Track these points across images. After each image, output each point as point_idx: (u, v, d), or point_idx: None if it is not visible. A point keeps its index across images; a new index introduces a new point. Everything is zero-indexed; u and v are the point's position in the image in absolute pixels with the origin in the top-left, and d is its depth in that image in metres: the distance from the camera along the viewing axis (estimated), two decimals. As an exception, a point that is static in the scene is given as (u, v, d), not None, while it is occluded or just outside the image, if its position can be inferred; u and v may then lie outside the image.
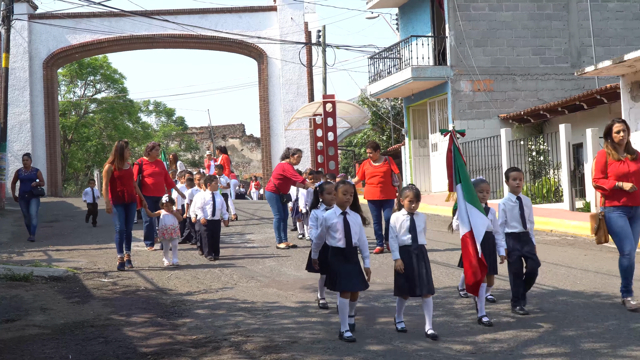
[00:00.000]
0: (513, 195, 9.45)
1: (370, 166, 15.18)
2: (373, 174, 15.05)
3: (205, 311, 9.67)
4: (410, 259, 8.29)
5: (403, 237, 8.38)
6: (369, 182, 15.14)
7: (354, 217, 8.40)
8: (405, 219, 8.45)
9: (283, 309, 9.68)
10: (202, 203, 14.52)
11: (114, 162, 13.30)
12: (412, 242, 8.36)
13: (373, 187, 15.01)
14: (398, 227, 8.43)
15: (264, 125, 36.09)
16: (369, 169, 15.19)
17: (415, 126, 31.10)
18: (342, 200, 8.35)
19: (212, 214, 14.45)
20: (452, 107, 27.20)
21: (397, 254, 8.34)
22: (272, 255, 14.76)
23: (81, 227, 20.74)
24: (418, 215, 8.51)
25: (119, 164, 13.33)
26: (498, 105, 27.42)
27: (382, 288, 11.05)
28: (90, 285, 11.74)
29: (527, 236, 9.34)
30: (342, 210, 8.35)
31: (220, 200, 14.64)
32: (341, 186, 8.38)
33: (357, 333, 8.22)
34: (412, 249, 8.35)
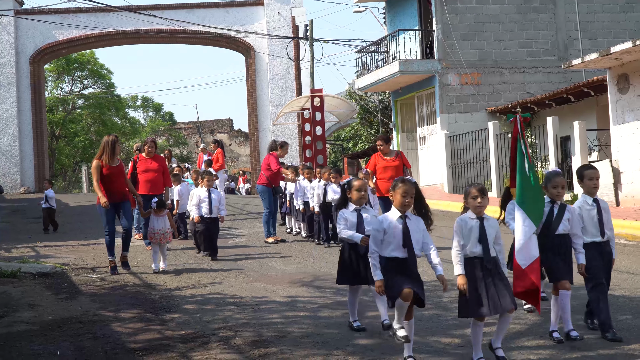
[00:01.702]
0: (589, 197, 8.14)
1: (382, 159, 14.50)
2: (384, 169, 14.36)
3: (194, 306, 9.66)
4: (477, 274, 6.90)
5: (473, 249, 6.93)
6: (379, 177, 14.35)
7: (416, 221, 7.20)
8: (474, 225, 6.96)
9: (271, 304, 9.68)
10: (198, 200, 13.92)
11: (102, 158, 12.33)
12: (483, 253, 6.92)
13: (384, 182, 14.10)
14: (465, 235, 6.97)
15: (252, 120, 36.05)
16: (380, 162, 14.49)
17: (403, 120, 31.11)
18: (401, 203, 7.11)
19: (208, 212, 13.85)
20: (440, 101, 27.22)
21: (461, 267, 6.91)
22: (261, 250, 14.76)
23: (69, 222, 20.68)
24: (488, 219, 7.04)
25: (109, 159, 12.33)
26: (486, 98, 27.45)
27: (370, 282, 11.06)
28: (79, 281, 11.71)
29: (607, 246, 8.00)
30: (402, 213, 7.12)
31: (216, 197, 14.01)
32: (400, 186, 7.13)
33: (346, 327, 8.23)
34: (484, 263, 6.93)
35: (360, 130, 44.22)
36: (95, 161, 12.42)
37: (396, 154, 14.61)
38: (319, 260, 13.34)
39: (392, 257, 7.04)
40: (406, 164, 14.51)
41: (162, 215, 12.92)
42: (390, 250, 7.05)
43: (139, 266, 13.06)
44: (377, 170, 14.46)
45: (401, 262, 7.03)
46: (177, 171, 18.48)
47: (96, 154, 12.69)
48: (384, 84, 29.45)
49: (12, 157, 34.07)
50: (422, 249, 7.13)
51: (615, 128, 20.25)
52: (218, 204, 13.98)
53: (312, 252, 14.31)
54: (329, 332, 8.01)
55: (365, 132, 42.48)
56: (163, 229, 12.77)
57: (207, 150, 25.86)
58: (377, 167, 14.47)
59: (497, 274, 6.90)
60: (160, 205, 13.03)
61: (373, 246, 7.10)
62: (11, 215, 21.96)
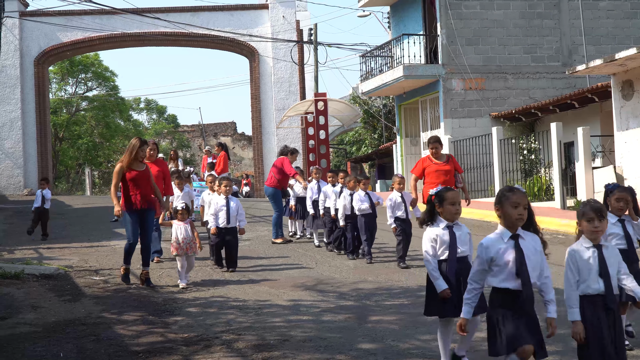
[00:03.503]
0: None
1: (432, 163, 13.60)
2: (436, 173, 13.44)
3: (197, 309, 9.66)
4: (600, 319, 5.63)
5: (593, 285, 5.66)
6: (428, 182, 13.39)
7: (532, 241, 5.75)
8: (591, 255, 5.72)
9: (274, 307, 9.68)
10: (215, 209, 12.78)
11: (124, 162, 11.66)
12: (605, 290, 5.65)
13: (434, 187, 13.68)
14: (579, 267, 5.74)
15: (255, 123, 36.04)
16: (430, 166, 13.56)
17: (407, 124, 31.11)
18: (513, 218, 5.63)
19: (226, 221, 12.72)
20: (444, 106, 27.22)
21: (577, 312, 5.64)
22: (264, 253, 14.75)
23: (72, 225, 20.70)
24: (607, 248, 5.78)
25: (132, 163, 11.69)
26: (489, 103, 27.44)
27: (373, 286, 11.08)
28: (82, 283, 11.72)
29: None
30: (513, 232, 5.67)
31: (235, 205, 12.82)
32: (510, 196, 5.66)
33: (349, 331, 8.22)
34: (607, 303, 5.65)
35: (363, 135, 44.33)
36: (118, 165, 11.73)
37: (447, 157, 13.71)
38: (322, 264, 13.34)
39: (501, 289, 5.64)
40: (458, 168, 13.72)
41: (186, 223, 11.81)
42: (501, 280, 5.64)
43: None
44: (427, 175, 13.53)
45: (514, 296, 5.59)
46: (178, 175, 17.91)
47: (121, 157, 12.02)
48: (388, 89, 29.46)
49: (15, 158, 34.08)
50: (539, 276, 5.72)
51: (619, 134, 20.24)
52: (236, 214, 12.81)
53: (315, 256, 14.30)
54: (332, 336, 7.99)
55: (369, 137, 42.57)
56: (188, 237, 11.63)
57: (212, 153, 25.81)
58: (427, 171, 13.55)
59: (619, 317, 5.69)
60: (187, 210, 12.03)
61: (475, 282, 5.77)
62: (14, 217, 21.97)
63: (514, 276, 5.58)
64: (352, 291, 10.72)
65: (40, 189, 18.84)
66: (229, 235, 12.74)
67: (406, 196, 13.01)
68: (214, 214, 12.74)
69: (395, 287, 11.04)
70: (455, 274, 6.69)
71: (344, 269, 12.86)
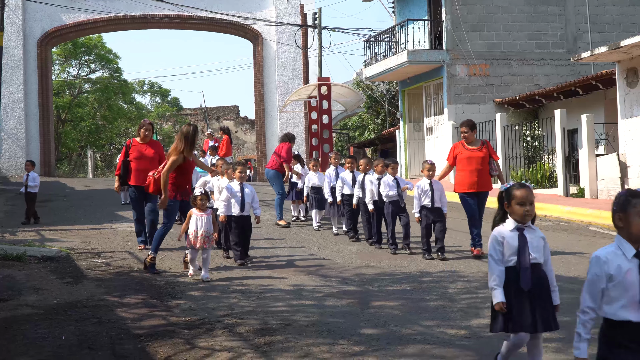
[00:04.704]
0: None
1: (465, 149, 12.73)
2: (468, 160, 12.63)
3: (199, 293, 9.64)
4: None
5: None
6: (461, 169, 12.70)
7: None
8: None
9: (277, 292, 9.66)
10: (228, 195, 12.04)
11: (184, 150, 11.32)
12: None
13: (467, 175, 12.57)
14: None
15: (258, 107, 35.98)
16: (463, 152, 12.72)
17: (411, 110, 31.06)
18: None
19: (240, 209, 11.99)
20: (448, 91, 27.15)
21: None
22: (266, 238, 14.73)
23: (74, 207, 20.66)
24: None
25: (189, 152, 11.41)
26: (494, 90, 27.37)
27: (375, 272, 11.07)
28: (84, 265, 11.69)
29: None
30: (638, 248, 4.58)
31: (250, 192, 12.13)
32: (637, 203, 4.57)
33: (352, 316, 8.20)
34: None
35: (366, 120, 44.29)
36: (175, 156, 11.28)
37: (482, 143, 12.77)
38: (325, 249, 13.32)
39: (621, 322, 4.51)
40: (493, 155, 12.78)
41: (207, 213, 11.05)
42: (619, 309, 4.52)
43: (144, 252, 12.99)
44: (459, 162, 12.74)
45: (637, 330, 4.47)
46: None
47: (174, 146, 11.43)
48: (391, 74, 29.39)
49: (18, 140, 34.05)
50: None
51: (623, 122, 20.18)
52: (251, 201, 12.16)
53: (318, 241, 14.28)
54: (335, 321, 7.97)
55: (372, 122, 42.52)
56: (208, 231, 10.91)
57: (214, 136, 25.72)
58: (459, 157, 12.73)
59: None
60: (206, 196, 11.25)
61: (588, 301, 4.65)
62: (16, 199, 21.93)
63: (638, 305, 4.46)
64: (355, 276, 10.71)
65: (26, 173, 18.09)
66: (243, 223, 11.99)
67: (435, 184, 12.40)
68: (225, 200, 11.99)
69: (398, 272, 11.02)
70: (532, 283, 5.73)
71: (346, 254, 12.84)
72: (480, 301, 8.88)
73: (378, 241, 13.48)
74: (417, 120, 30.85)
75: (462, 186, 12.60)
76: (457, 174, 12.81)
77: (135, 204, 13.40)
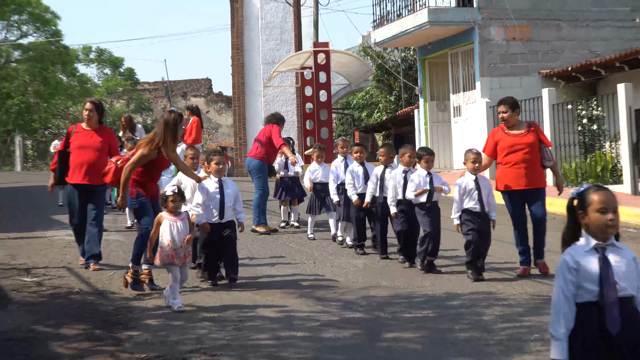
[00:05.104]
0: None
1: (507, 135, 12.48)
2: (511, 149, 12.35)
3: (159, 321, 9.57)
4: None
5: None
6: (503, 162, 12.44)
7: None
8: None
9: (259, 320, 9.61)
10: (204, 197, 11.78)
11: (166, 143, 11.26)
12: None
13: (511, 169, 12.32)
14: None
15: (237, 81, 35.98)
16: (504, 140, 12.46)
17: (433, 84, 31.02)
18: None
19: (219, 215, 11.74)
20: (480, 61, 27.07)
21: None
22: (247, 249, 14.69)
23: (-1, 209, 20.62)
24: None
25: (171, 146, 11.38)
26: (539, 58, 27.32)
27: (388, 293, 11.05)
28: (8, 285, 11.63)
29: None
30: None
31: (232, 191, 11.85)
32: None
33: (357, 352, 8.12)
34: None
35: (376, 97, 44.28)
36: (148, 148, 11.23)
37: (527, 126, 12.50)
38: (322, 264, 13.31)
39: None
40: (545, 140, 12.50)
41: (182, 217, 10.76)
42: None
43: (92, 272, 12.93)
44: (499, 152, 12.46)
45: None
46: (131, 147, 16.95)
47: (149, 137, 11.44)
48: (408, 38, 29.35)
49: None
50: None
51: None
52: (232, 202, 11.88)
53: (314, 253, 14.27)
54: (335, 359, 7.93)
55: (383, 99, 42.53)
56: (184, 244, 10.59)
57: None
58: (500, 146, 12.46)
59: None
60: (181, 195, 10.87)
61: None
62: None
63: None
64: (361, 299, 10.67)
65: None
66: (226, 232, 11.72)
67: (483, 181, 12.05)
68: (202, 204, 11.71)
69: (417, 294, 10.99)
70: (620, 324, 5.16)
71: (350, 270, 12.82)
72: (525, 332, 8.83)
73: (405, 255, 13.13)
74: (441, 97, 30.83)
75: (506, 183, 12.36)
76: (498, 168, 12.55)
77: (74, 207, 13.14)
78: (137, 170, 11.28)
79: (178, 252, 10.43)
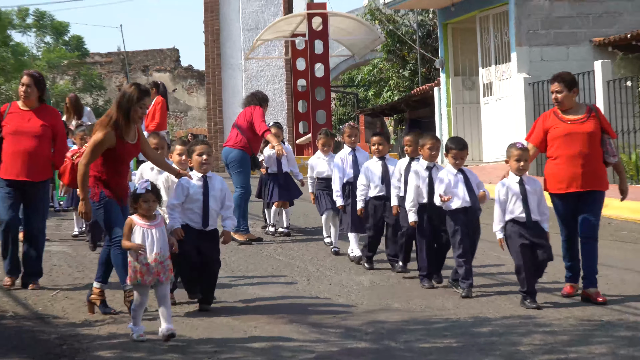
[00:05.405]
0: None
1: (561, 122, 12.14)
2: (567, 139, 12.02)
3: (114, 353, 9.59)
4: None
5: None
6: (554, 155, 12.17)
7: None
8: None
9: (239, 351, 9.65)
10: (182, 197, 11.59)
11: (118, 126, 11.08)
12: None
13: (566, 164, 12.02)
14: None
15: (211, 52, 35.99)
16: (557, 127, 12.12)
17: (457, 55, 31.05)
18: None
19: (202, 221, 11.59)
20: (517, 26, 27.08)
21: None
22: (224, 262, 14.65)
23: None
24: None
25: (125, 129, 11.20)
26: (590, 23, 27.34)
27: (401, 317, 11.10)
28: None
29: None
30: None
31: (219, 193, 11.73)
32: None
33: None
34: None
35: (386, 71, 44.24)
36: (102, 132, 11.05)
37: (588, 110, 12.18)
38: (319, 281, 13.39)
39: None
40: (608, 130, 12.18)
41: (157, 222, 10.47)
42: None
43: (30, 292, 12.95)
44: (550, 142, 12.21)
45: None
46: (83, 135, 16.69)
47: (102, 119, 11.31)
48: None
49: None
50: None
51: None
52: (219, 206, 11.80)
53: (308, 268, 14.31)
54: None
55: (395, 74, 42.50)
56: (164, 251, 10.36)
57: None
58: (551, 135, 12.18)
59: None
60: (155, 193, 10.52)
61: None
62: None
63: None
64: (367, 325, 10.70)
65: None
66: (208, 250, 11.65)
67: (531, 183, 11.84)
68: (178, 204, 11.55)
69: (436, 318, 11.03)
70: None
71: (353, 288, 12.86)
72: (571, 366, 8.83)
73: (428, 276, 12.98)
74: (467, 72, 30.87)
75: (557, 183, 12.09)
76: (548, 164, 12.32)
77: (6, 208, 12.82)
78: (97, 163, 11.08)
79: (151, 268, 10.16)
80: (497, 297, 12.02)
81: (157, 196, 10.42)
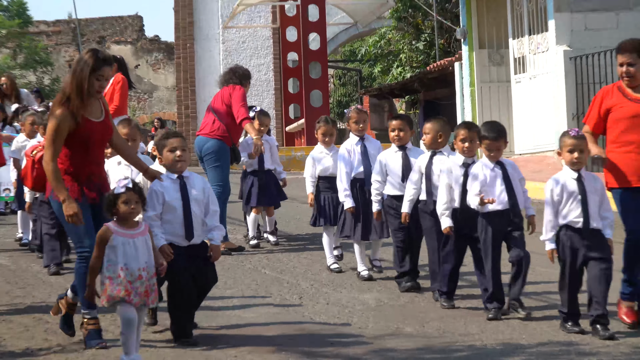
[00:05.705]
0: None
1: (627, 100, 11.90)
2: (630, 121, 11.82)
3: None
4: None
5: None
6: (618, 141, 11.92)
7: None
8: None
9: (219, 387, 9.65)
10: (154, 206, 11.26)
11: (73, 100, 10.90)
12: None
13: (632, 154, 11.78)
14: None
15: (182, 20, 36.10)
16: (623, 106, 11.90)
17: (482, 24, 31.11)
18: None
19: (185, 232, 11.30)
20: (555, -12, 27.14)
21: None
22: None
23: None
24: None
25: (84, 105, 11.00)
26: (644, -16, 27.40)
27: (414, 344, 11.12)
28: None
29: None
30: None
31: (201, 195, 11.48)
32: None
33: None
34: None
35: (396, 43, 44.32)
36: (56, 119, 10.91)
37: None
38: (313, 300, 13.43)
39: None
40: None
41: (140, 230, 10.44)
42: None
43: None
44: (612, 125, 12.00)
45: None
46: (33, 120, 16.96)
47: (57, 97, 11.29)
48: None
49: None
50: None
51: None
52: (203, 212, 11.56)
53: (299, 284, 14.34)
54: None
55: (407, 47, 42.57)
56: (150, 266, 10.37)
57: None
58: (614, 116, 11.95)
59: None
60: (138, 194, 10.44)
61: None
62: None
63: None
64: (373, 354, 10.72)
65: None
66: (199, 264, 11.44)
67: (590, 180, 11.59)
68: (156, 216, 11.26)
69: (457, 345, 11.06)
70: None
71: (356, 308, 12.90)
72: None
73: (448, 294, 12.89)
74: (495, 44, 30.91)
75: (624, 175, 11.77)
76: (610, 152, 11.98)
77: None
78: (64, 154, 10.92)
79: (135, 286, 10.08)
80: (531, 319, 12.02)
81: (139, 196, 10.32)
